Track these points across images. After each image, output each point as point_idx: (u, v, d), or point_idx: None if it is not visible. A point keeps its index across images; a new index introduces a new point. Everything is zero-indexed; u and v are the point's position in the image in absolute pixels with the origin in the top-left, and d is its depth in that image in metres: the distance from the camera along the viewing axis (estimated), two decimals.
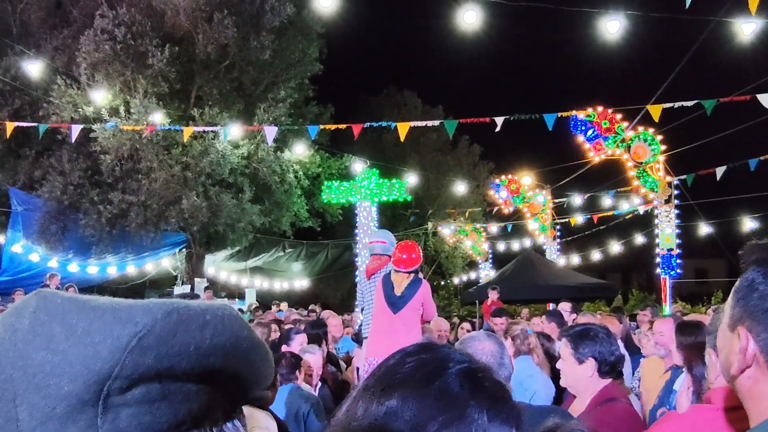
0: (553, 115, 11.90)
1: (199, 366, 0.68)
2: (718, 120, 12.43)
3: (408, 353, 1.01)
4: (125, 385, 0.63)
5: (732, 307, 1.28)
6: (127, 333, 0.63)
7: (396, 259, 6.32)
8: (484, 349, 2.62)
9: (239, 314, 0.76)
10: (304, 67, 20.56)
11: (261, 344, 0.78)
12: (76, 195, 16.76)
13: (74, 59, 16.51)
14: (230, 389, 0.75)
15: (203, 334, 0.68)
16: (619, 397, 3.14)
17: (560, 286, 15.57)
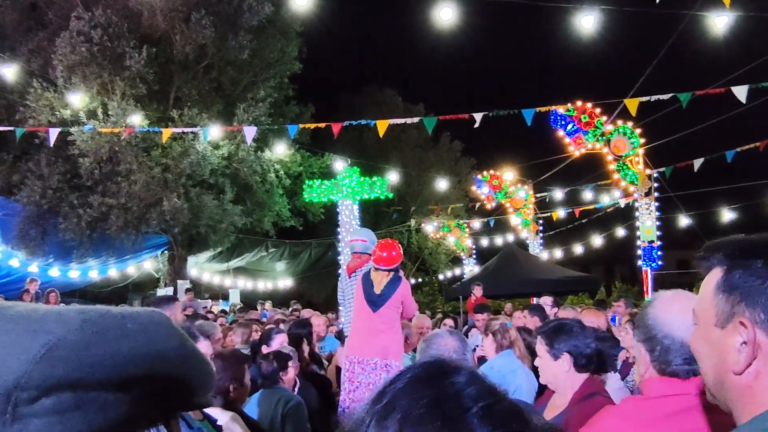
0: (532, 110, 11.96)
1: (116, 376, 0.66)
2: (694, 113, 12.56)
3: (416, 389, 0.91)
4: (34, 396, 0.62)
5: (717, 305, 1.25)
6: (36, 344, 0.62)
7: (376, 257, 6.30)
8: (446, 345, 2.65)
9: (169, 322, 0.74)
10: (283, 67, 20.48)
11: (194, 353, 0.77)
12: (56, 199, 16.59)
13: (50, 62, 16.32)
14: (159, 397, 0.73)
15: (120, 344, 0.67)
16: (599, 392, 3.16)
17: (543, 280, 15.64)
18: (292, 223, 22.22)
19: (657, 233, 16.08)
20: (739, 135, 15.38)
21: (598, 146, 16.09)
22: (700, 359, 1.33)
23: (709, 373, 1.29)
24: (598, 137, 15.85)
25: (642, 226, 16.25)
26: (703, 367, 1.32)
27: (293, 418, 4.29)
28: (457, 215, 27.23)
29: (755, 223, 18.25)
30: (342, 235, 16.47)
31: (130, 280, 20.90)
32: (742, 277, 1.23)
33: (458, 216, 27.24)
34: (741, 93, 10.79)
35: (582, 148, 16.34)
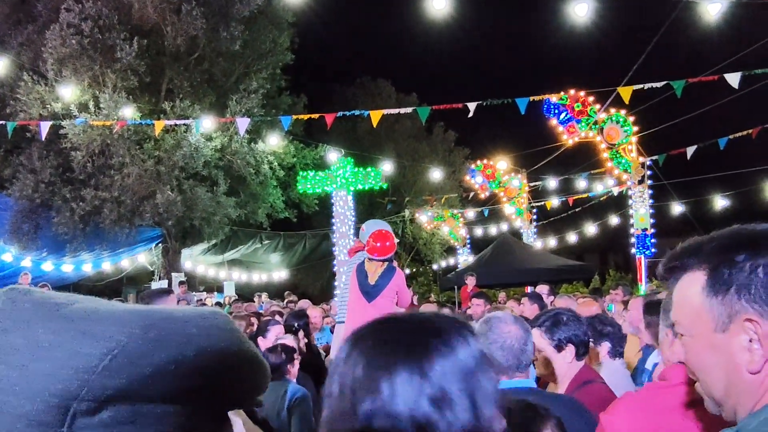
0: (525, 99, 11.96)
1: (177, 386, 0.62)
2: (688, 100, 12.57)
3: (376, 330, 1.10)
4: (92, 408, 0.58)
5: (712, 309, 1.21)
6: (98, 352, 0.58)
7: (370, 247, 6.25)
8: (509, 333, 2.60)
9: (230, 323, 0.69)
10: (275, 57, 20.37)
11: (254, 357, 0.73)
12: (48, 193, 16.51)
13: (41, 55, 16.17)
14: (216, 403, 0.70)
15: (183, 351, 0.62)
16: (595, 379, 3.19)
17: (538, 269, 15.70)
18: (287, 215, 22.17)
19: (650, 221, 16.15)
20: (732, 122, 15.42)
21: (592, 135, 16.12)
22: (702, 372, 1.27)
23: (717, 384, 1.23)
24: (591, 125, 15.88)
25: (635, 214, 16.32)
26: (707, 379, 1.25)
27: (299, 410, 4.29)
28: (451, 205, 27.26)
29: (748, 210, 18.32)
30: (337, 226, 16.48)
31: (124, 274, 20.85)
32: (731, 274, 1.20)
33: (452, 206, 27.26)
34: (734, 80, 10.81)
35: (575, 136, 16.37)
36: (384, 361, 1.00)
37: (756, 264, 1.18)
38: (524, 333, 2.62)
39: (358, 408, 0.98)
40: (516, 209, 22.33)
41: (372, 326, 1.10)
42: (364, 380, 1.00)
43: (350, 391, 1.00)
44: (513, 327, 2.62)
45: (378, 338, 1.05)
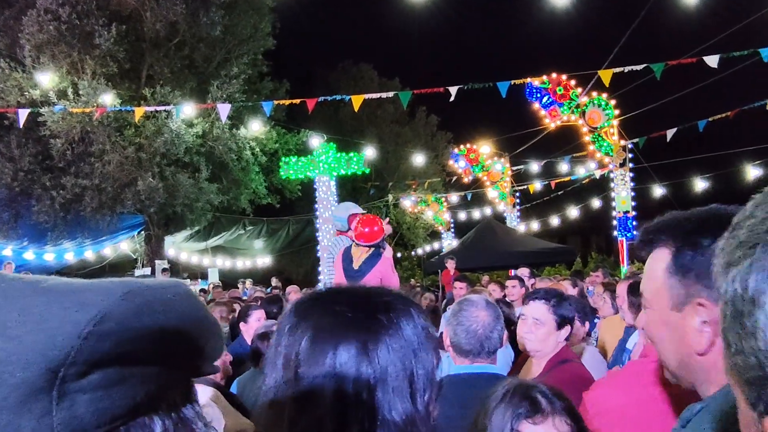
0: (507, 83, 11.96)
1: (159, 348, 0.67)
2: (667, 83, 12.65)
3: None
4: (82, 371, 0.61)
5: (671, 288, 1.25)
6: (85, 318, 0.61)
7: (358, 233, 6.16)
8: (477, 317, 2.63)
9: (194, 292, 0.75)
10: (256, 43, 20.22)
11: (215, 323, 0.78)
12: (28, 181, 16.34)
13: (18, 41, 15.93)
14: (187, 367, 0.75)
15: (167, 315, 0.67)
16: (572, 359, 3.24)
17: (520, 252, 15.77)
18: (269, 201, 22.12)
19: (632, 203, 16.29)
20: (712, 105, 15.54)
21: (574, 118, 16.20)
22: (658, 343, 1.32)
23: (670, 357, 1.28)
24: (573, 109, 15.95)
25: (617, 196, 16.45)
26: (663, 350, 1.31)
27: None
28: (434, 189, 27.31)
29: (727, 191, 18.50)
30: (320, 211, 16.47)
31: (106, 262, 20.71)
32: (694, 257, 1.23)
33: (435, 190, 27.32)
34: (713, 62, 10.89)
35: (557, 120, 16.45)
36: (330, 335, 1.02)
37: (715, 248, 1.20)
38: (493, 320, 2.64)
39: (302, 380, 1.00)
40: (499, 193, 22.43)
41: (320, 296, 1.12)
42: (309, 352, 1.01)
43: (295, 363, 1.02)
44: (483, 312, 2.64)
45: (325, 310, 1.07)
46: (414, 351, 1.03)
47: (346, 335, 1.01)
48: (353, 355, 0.99)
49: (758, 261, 0.51)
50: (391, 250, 6.52)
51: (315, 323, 1.04)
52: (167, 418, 0.70)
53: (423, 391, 1.02)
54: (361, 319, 1.04)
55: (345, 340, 1.01)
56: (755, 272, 0.51)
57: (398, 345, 1.02)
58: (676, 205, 9.88)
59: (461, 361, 2.62)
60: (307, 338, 1.03)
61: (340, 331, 1.01)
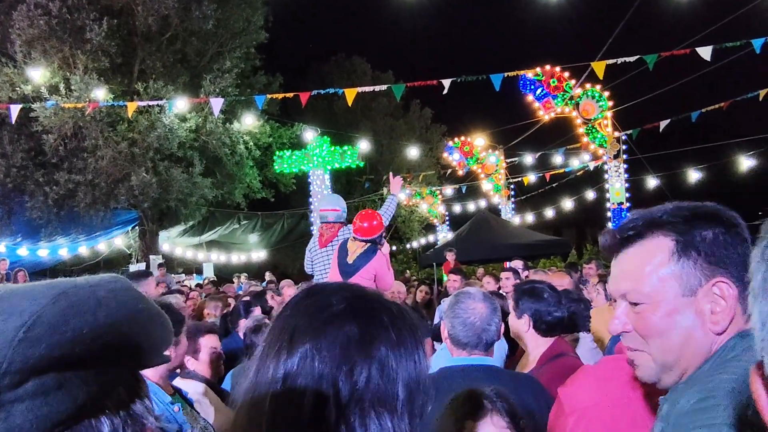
0: (500, 75, 11.94)
1: (95, 348, 0.65)
2: (661, 74, 12.66)
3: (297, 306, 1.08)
4: (16, 380, 0.60)
5: (681, 274, 1.24)
6: (12, 326, 0.60)
7: (356, 227, 6.12)
8: (474, 310, 2.63)
9: (132, 285, 0.73)
10: (249, 36, 20.15)
11: (158, 313, 0.76)
12: (20, 177, 16.28)
13: (8, 36, 15.83)
14: (130, 362, 0.73)
15: (96, 315, 0.65)
16: (566, 353, 3.24)
17: (515, 244, 15.77)
18: (264, 195, 22.09)
19: (626, 195, 16.30)
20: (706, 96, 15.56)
21: (568, 110, 16.18)
22: (659, 337, 1.27)
23: (672, 348, 1.25)
24: (567, 101, 15.93)
25: (611, 188, 16.46)
26: (663, 344, 1.26)
27: None
28: (428, 182, 27.30)
29: (721, 182, 18.56)
30: (314, 205, 16.45)
31: (101, 257, 20.69)
32: (701, 241, 1.24)
33: (430, 183, 27.31)
34: (706, 54, 10.88)
35: (551, 112, 16.43)
36: (319, 333, 1.00)
37: (715, 231, 1.24)
38: (490, 312, 2.65)
39: (285, 379, 0.98)
40: (494, 185, 22.41)
41: (315, 292, 1.10)
42: (297, 350, 0.99)
43: (282, 360, 1.00)
44: (480, 304, 2.65)
45: (320, 308, 1.05)
46: (410, 356, 1.02)
47: (339, 334, 0.99)
48: (344, 356, 0.97)
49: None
50: (389, 247, 6.49)
51: (306, 321, 1.03)
52: (115, 417, 0.69)
53: (413, 400, 1.00)
54: (357, 319, 1.02)
55: (337, 340, 0.98)
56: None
57: (396, 349, 1.00)
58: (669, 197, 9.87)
59: (459, 353, 2.64)
60: (296, 337, 1.01)
61: (332, 331, 0.99)
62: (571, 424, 1.77)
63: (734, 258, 1.23)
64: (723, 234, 1.24)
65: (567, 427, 1.78)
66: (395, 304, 1.09)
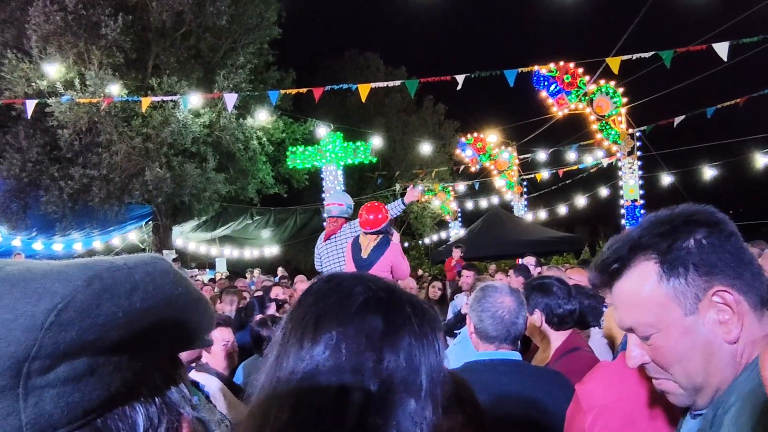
0: (514, 71, 11.90)
1: (129, 333, 0.63)
2: (677, 71, 12.56)
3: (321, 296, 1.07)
4: (46, 365, 0.57)
5: (677, 294, 1.19)
6: (42, 309, 0.57)
7: (363, 220, 6.14)
8: (502, 303, 2.62)
9: (172, 267, 0.71)
10: (262, 32, 20.17)
11: (199, 298, 0.74)
12: (36, 172, 16.38)
13: (24, 32, 15.90)
14: (168, 347, 0.71)
15: (132, 299, 0.63)
16: (581, 347, 3.24)
17: (527, 241, 15.75)
18: (277, 190, 22.13)
19: (640, 192, 16.22)
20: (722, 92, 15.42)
21: (581, 106, 16.11)
22: (680, 362, 1.21)
23: (697, 369, 1.20)
24: (581, 97, 15.85)
25: (625, 185, 16.39)
26: (687, 367, 1.21)
27: None
28: (441, 179, 27.27)
29: (735, 179, 18.40)
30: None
31: (115, 252, 20.81)
32: (682, 255, 1.19)
33: (443, 179, 27.28)
34: (722, 50, 10.78)
35: (565, 108, 16.35)
36: (346, 321, 1.00)
37: (697, 239, 1.19)
38: (518, 305, 2.64)
39: (305, 369, 0.98)
40: (507, 182, 22.36)
41: (339, 281, 1.09)
42: (321, 338, 0.99)
43: (304, 349, 1.00)
44: (507, 298, 2.64)
45: (343, 295, 1.05)
46: (431, 346, 1.02)
47: (365, 324, 0.99)
48: (370, 346, 0.97)
49: None
50: (398, 235, 6.51)
51: (331, 311, 1.02)
52: (150, 405, 0.67)
53: (435, 389, 1.00)
54: (382, 309, 1.02)
55: (363, 330, 0.98)
56: None
57: (419, 339, 1.00)
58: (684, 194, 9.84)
59: (486, 347, 2.62)
60: (321, 325, 1.00)
61: (358, 321, 0.99)
62: (589, 421, 1.76)
63: (726, 259, 1.18)
64: (706, 238, 1.19)
65: (585, 424, 1.77)
66: (413, 295, 1.09)
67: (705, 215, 1.23)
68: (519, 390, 2.39)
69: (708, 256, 1.18)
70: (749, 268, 1.19)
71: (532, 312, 3.20)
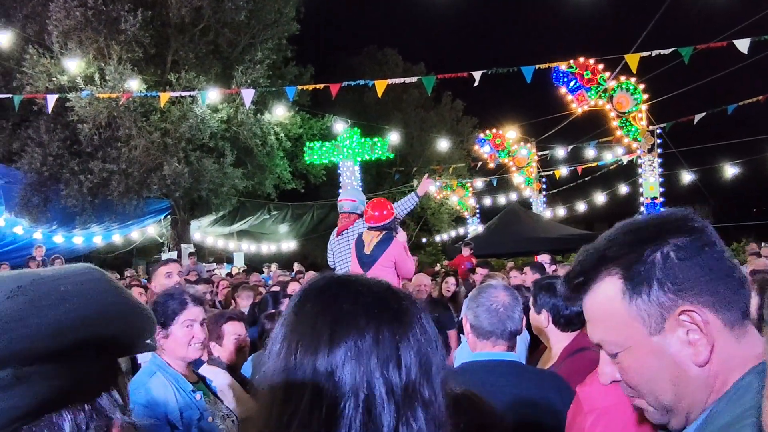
0: (531, 67, 11.81)
1: (58, 343, 0.63)
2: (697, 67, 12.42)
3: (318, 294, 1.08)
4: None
5: (640, 313, 1.11)
6: None
7: (367, 216, 6.10)
8: (497, 298, 2.62)
9: (105, 276, 0.71)
10: (281, 28, 20.21)
11: (133, 304, 0.74)
12: (56, 166, 16.58)
13: (45, 27, 16.13)
14: (103, 354, 0.71)
15: (59, 309, 0.63)
16: (588, 347, 3.21)
17: (545, 238, 15.68)
18: (294, 186, 22.21)
19: (660, 190, 16.07)
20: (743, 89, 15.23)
21: (601, 103, 15.97)
22: (648, 382, 1.14)
23: (666, 390, 1.12)
24: (600, 93, 15.71)
25: (645, 183, 16.24)
26: (655, 388, 1.13)
27: None
28: (459, 175, 27.19)
29: (756, 177, 18.16)
30: None
31: (134, 245, 21.01)
32: (649, 270, 1.11)
33: (461, 176, 27.20)
34: (743, 46, 10.63)
35: (585, 105, 16.23)
36: (350, 319, 1.00)
37: (664, 252, 1.11)
38: (512, 300, 2.63)
39: (304, 367, 0.97)
40: (525, 178, 22.24)
41: (338, 280, 1.09)
42: (322, 336, 0.98)
43: (301, 347, 0.99)
44: (502, 293, 2.64)
45: (344, 293, 1.05)
46: (438, 345, 1.03)
47: (379, 328, 0.99)
48: (385, 350, 0.97)
49: None
50: (404, 234, 6.47)
51: (340, 314, 1.01)
52: (79, 412, 0.68)
53: (444, 388, 1.01)
54: (393, 312, 1.02)
55: (378, 334, 0.98)
56: None
57: (427, 340, 1.01)
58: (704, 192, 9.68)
59: (482, 346, 2.60)
60: (337, 332, 0.99)
61: (371, 325, 0.99)
62: (589, 424, 1.74)
63: (696, 274, 1.09)
64: (676, 251, 1.10)
65: (585, 426, 1.75)
66: (411, 295, 1.09)
67: (677, 223, 1.14)
68: (515, 392, 2.38)
69: (675, 271, 1.09)
70: (725, 282, 1.10)
71: (540, 312, 3.18)
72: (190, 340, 2.89)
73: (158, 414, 2.63)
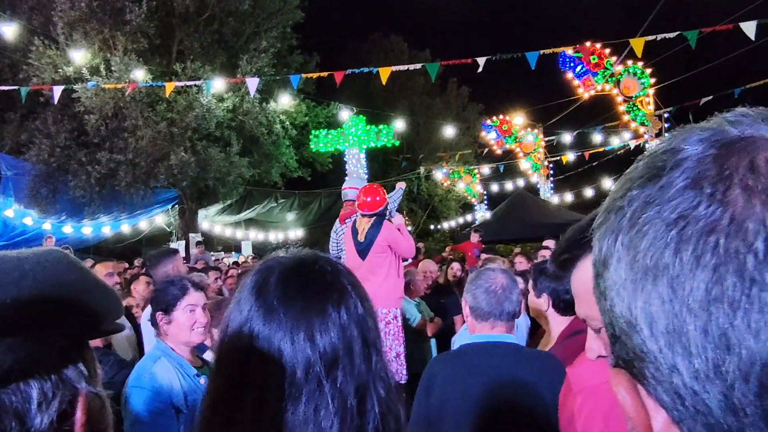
0: (536, 53, 11.74)
1: (21, 316, 0.68)
2: (705, 51, 12.33)
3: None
4: None
5: None
6: None
7: (360, 202, 6.04)
8: (495, 280, 2.66)
9: (67, 257, 0.75)
10: (285, 16, 20.14)
11: (96, 284, 0.78)
12: (64, 157, 16.67)
13: (51, 19, 16.16)
14: (69, 330, 0.76)
15: (20, 285, 0.68)
16: (584, 329, 3.23)
17: (552, 224, 15.63)
18: (300, 174, 22.23)
19: None
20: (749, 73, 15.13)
21: (608, 88, 15.90)
22: None
23: None
24: (607, 78, 15.64)
25: None
26: None
27: None
28: (465, 161, 27.14)
29: None
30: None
31: (142, 235, 21.09)
32: None
33: (467, 162, 27.14)
34: (749, 29, 10.54)
35: (591, 89, 16.16)
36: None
37: None
38: (510, 282, 2.67)
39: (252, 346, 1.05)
40: (532, 164, 22.19)
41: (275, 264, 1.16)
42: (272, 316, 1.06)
43: (248, 329, 1.06)
44: (500, 275, 2.68)
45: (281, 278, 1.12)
46: (370, 304, 1.11)
47: (327, 307, 1.06)
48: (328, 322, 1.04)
49: (609, 225, 0.52)
50: (401, 217, 6.46)
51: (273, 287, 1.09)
52: (46, 381, 0.72)
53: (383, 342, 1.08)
54: (333, 283, 1.10)
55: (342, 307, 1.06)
56: (606, 236, 0.52)
57: (363, 302, 1.10)
58: None
59: (481, 328, 2.63)
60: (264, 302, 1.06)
61: (320, 306, 1.06)
62: (579, 402, 1.77)
63: None
64: None
65: (575, 405, 1.78)
66: (332, 260, 1.18)
67: None
68: (513, 372, 2.41)
69: None
70: None
71: (539, 296, 3.20)
72: (193, 325, 2.94)
73: (163, 398, 2.68)
